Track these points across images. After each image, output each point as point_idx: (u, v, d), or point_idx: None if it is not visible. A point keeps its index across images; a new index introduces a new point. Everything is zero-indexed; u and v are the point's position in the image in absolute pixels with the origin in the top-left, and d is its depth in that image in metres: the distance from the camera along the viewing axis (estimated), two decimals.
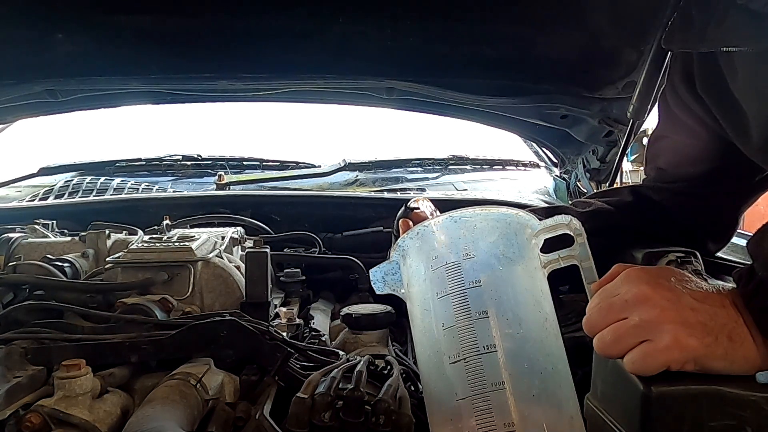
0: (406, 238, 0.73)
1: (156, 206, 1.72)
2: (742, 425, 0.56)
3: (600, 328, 0.61)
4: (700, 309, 0.58)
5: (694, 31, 0.85)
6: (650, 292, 0.59)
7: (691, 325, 0.57)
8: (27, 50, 1.43)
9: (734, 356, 0.57)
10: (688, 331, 0.57)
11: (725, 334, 0.57)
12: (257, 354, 0.91)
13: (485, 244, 0.68)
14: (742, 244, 1.21)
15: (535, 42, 1.45)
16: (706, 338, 0.57)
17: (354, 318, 1.09)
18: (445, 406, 0.66)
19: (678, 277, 0.62)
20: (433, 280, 0.69)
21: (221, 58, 1.50)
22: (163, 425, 0.71)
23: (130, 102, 1.76)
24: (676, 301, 0.58)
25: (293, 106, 1.95)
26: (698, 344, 0.57)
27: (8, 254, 1.21)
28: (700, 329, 0.57)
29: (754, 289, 0.59)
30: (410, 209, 1.14)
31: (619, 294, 0.61)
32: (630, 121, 1.49)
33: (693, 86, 0.97)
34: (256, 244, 1.36)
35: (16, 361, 0.84)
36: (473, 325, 0.65)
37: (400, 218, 1.13)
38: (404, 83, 1.58)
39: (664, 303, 0.58)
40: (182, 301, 1.07)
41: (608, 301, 0.62)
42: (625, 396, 0.61)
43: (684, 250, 1.04)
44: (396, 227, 1.15)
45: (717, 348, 0.57)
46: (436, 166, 2.38)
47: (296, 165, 2.37)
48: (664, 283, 0.60)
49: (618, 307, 0.61)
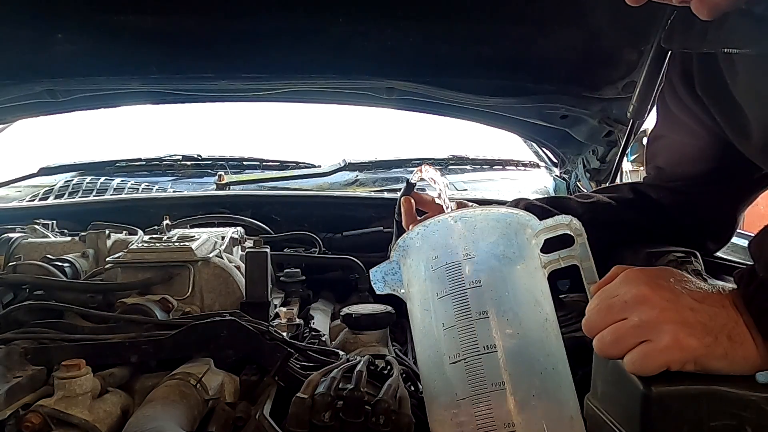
0: (407, 237, 0.73)
1: (156, 206, 1.72)
2: (742, 425, 0.56)
3: (600, 329, 0.61)
4: (699, 309, 0.58)
5: (694, 32, 0.85)
6: (650, 293, 0.59)
7: (690, 326, 0.57)
8: (27, 50, 1.43)
9: (734, 356, 0.57)
10: (687, 331, 0.57)
11: (725, 335, 0.57)
12: (257, 354, 0.91)
13: (485, 244, 0.68)
14: (742, 244, 1.21)
15: (535, 42, 1.46)
16: (706, 338, 0.57)
17: (354, 318, 1.09)
18: (445, 406, 0.66)
19: (677, 277, 0.62)
20: (433, 280, 0.69)
21: (221, 58, 1.50)
22: (163, 425, 0.71)
23: (130, 102, 1.76)
24: (675, 302, 0.59)
25: (293, 106, 1.95)
26: (698, 344, 0.57)
27: (8, 254, 1.21)
28: (699, 329, 0.57)
29: (754, 290, 0.59)
30: (412, 185, 1.13)
31: (618, 295, 0.61)
32: (630, 121, 1.50)
33: (692, 86, 0.97)
34: (256, 244, 1.36)
35: (16, 361, 0.84)
36: (473, 325, 0.65)
37: (402, 196, 1.13)
38: (404, 83, 1.58)
39: (664, 303, 0.58)
40: (182, 301, 1.07)
41: (608, 302, 0.62)
42: (625, 396, 0.61)
43: (684, 250, 1.04)
44: (398, 208, 1.14)
45: (717, 348, 0.57)
46: (436, 166, 2.38)
47: (296, 165, 2.37)
48: (664, 284, 0.60)
49: (617, 307, 0.61)
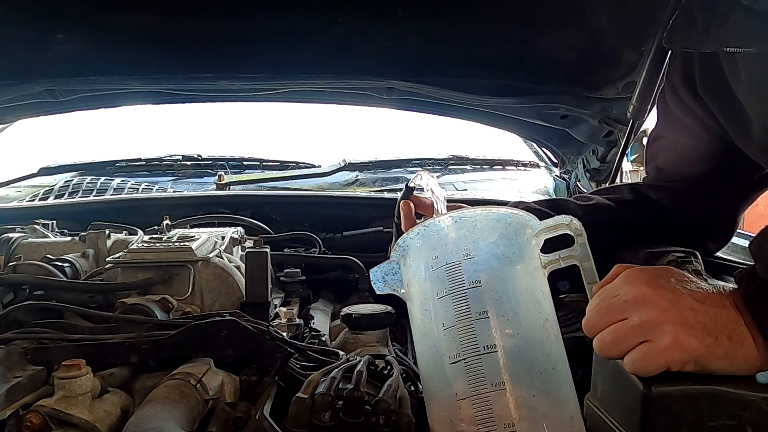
0: (407, 238, 0.73)
1: (156, 206, 1.72)
2: (742, 425, 0.56)
3: (600, 329, 0.61)
4: (700, 309, 0.58)
5: (696, 31, 0.85)
6: (650, 293, 0.59)
7: (691, 326, 0.57)
8: (27, 50, 1.43)
9: (734, 357, 0.57)
10: (688, 331, 0.57)
11: (725, 335, 0.57)
12: (257, 354, 0.91)
13: (485, 244, 0.68)
14: (742, 243, 1.21)
15: (535, 42, 1.46)
16: (707, 338, 0.57)
17: (354, 318, 1.09)
18: (445, 406, 0.66)
19: (678, 277, 0.62)
20: (434, 280, 0.69)
21: (221, 58, 1.50)
22: (163, 425, 0.71)
23: (130, 102, 1.76)
24: (675, 302, 0.59)
25: (293, 106, 1.95)
26: (698, 344, 0.57)
27: (8, 254, 1.21)
28: (700, 329, 0.57)
29: (755, 291, 0.59)
30: (411, 189, 1.13)
31: (618, 295, 0.61)
32: (630, 121, 1.50)
33: (693, 86, 0.96)
34: (256, 244, 1.36)
35: (16, 361, 0.84)
36: (473, 325, 0.65)
37: (401, 199, 1.13)
38: (404, 83, 1.58)
39: (664, 304, 0.58)
40: (182, 301, 1.07)
41: (608, 302, 0.62)
42: (625, 396, 0.61)
43: (684, 250, 1.04)
44: (397, 210, 1.14)
45: (717, 348, 0.57)
46: (436, 166, 2.38)
47: (296, 165, 2.37)
48: (664, 284, 0.60)
49: (618, 307, 0.61)
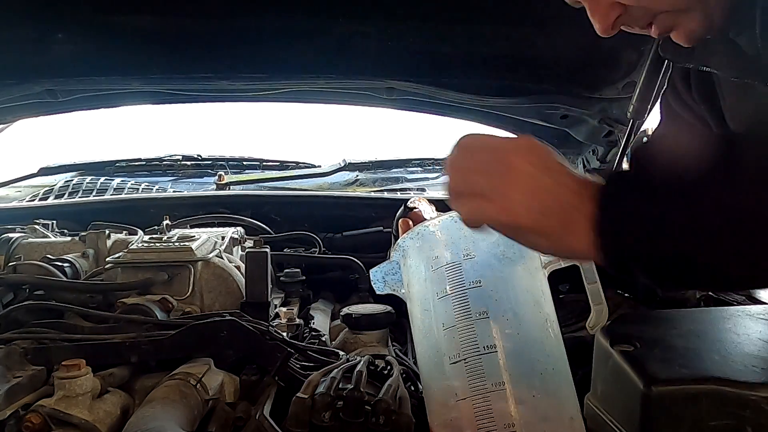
0: (407, 238, 0.73)
1: (156, 206, 1.72)
2: (742, 425, 0.56)
3: (463, 178, 0.61)
4: (551, 191, 0.58)
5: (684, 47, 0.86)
6: (518, 163, 0.59)
7: (530, 199, 0.57)
8: (27, 50, 1.43)
9: (560, 242, 0.58)
10: (526, 204, 0.57)
11: (560, 220, 0.57)
12: (257, 354, 0.91)
13: (485, 244, 0.68)
14: None
15: (535, 42, 1.46)
16: (538, 216, 0.57)
17: (354, 318, 1.09)
18: (445, 406, 0.66)
19: (552, 157, 0.61)
20: (434, 280, 0.69)
21: (221, 58, 1.50)
22: (163, 425, 0.71)
23: (130, 102, 1.76)
24: (533, 177, 0.58)
25: (293, 106, 1.95)
26: (526, 218, 0.57)
27: (8, 254, 1.21)
28: (536, 206, 0.57)
29: (613, 191, 0.58)
30: (409, 209, 1.14)
31: (496, 159, 0.60)
32: (630, 121, 1.50)
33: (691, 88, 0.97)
34: (256, 244, 1.36)
35: (16, 361, 0.84)
36: (473, 325, 0.65)
37: (399, 218, 1.13)
38: (404, 83, 1.58)
39: (522, 177, 0.58)
40: (182, 301, 1.07)
41: (486, 156, 0.61)
42: (625, 396, 0.61)
43: None
44: (395, 228, 1.15)
45: (544, 227, 0.57)
46: (436, 166, 2.38)
47: (296, 165, 2.37)
48: (535, 160, 0.59)
49: (486, 163, 0.60)
